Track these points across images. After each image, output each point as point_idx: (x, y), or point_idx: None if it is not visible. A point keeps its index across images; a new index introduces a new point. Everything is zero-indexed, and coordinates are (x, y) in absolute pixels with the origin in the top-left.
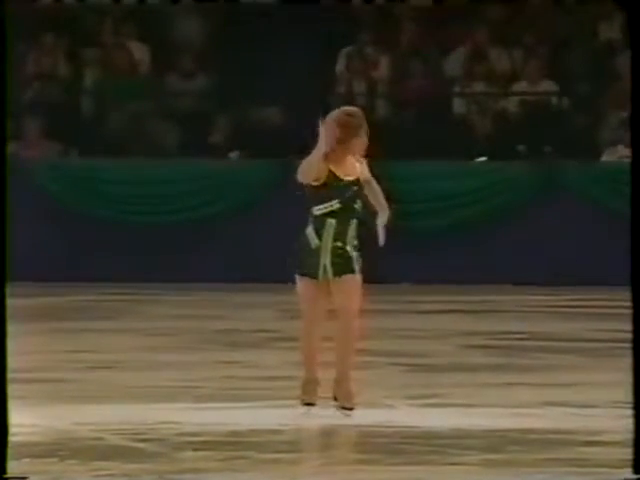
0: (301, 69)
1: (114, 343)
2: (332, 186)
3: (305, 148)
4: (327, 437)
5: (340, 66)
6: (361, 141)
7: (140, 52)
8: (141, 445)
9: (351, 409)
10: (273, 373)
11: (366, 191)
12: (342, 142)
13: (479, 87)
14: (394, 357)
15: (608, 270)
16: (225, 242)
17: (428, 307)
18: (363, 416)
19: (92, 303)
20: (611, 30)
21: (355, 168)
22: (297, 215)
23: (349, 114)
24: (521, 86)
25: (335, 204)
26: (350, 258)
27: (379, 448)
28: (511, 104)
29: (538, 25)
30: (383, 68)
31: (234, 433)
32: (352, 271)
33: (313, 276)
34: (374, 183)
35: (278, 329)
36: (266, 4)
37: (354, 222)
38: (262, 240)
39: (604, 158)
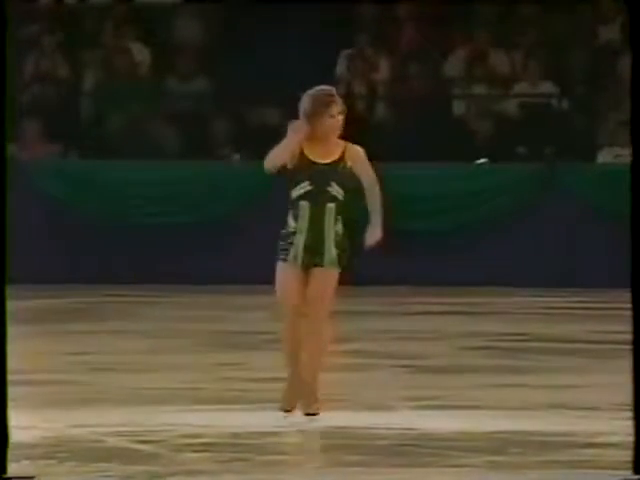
0: (301, 71)
1: (114, 345)
2: (303, 168)
3: None
4: (327, 439)
5: (340, 68)
6: (334, 120)
7: (140, 54)
8: (140, 447)
9: (315, 414)
10: (272, 375)
11: (366, 195)
12: (312, 116)
13: (479, 89)
14: (394, 359)
15: (608, 272)
16: (224, 244)
17: (428, 309)
18: (363, 418)
19: (91, 305)
20: (611, 32)
21: (334, 151)
22: None
23: (321, 89)
24: (521, 88)
25: (306, 186)
26: (323, 250)
27: (379, 450)
28: (511, 106)
29: (538, 27)
30: (383, 70)
31: (233, 435)
32: (322, 264)
33: (284, 259)
34: (376, 188)
35: (277, 331)
36: (265, 6)
37: (331, 208)
38: (261, 242)
39: (599, 159)
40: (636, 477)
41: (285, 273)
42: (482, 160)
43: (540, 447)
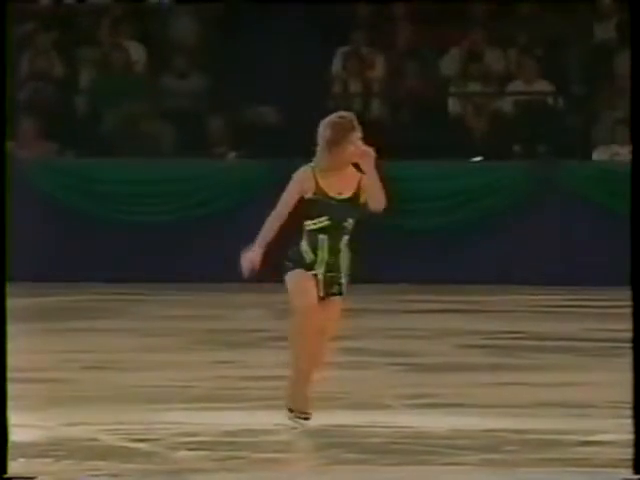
0: (297, 69)
1: (109, 343)
2: (321, 202)
3: (301, 148)
4: (322, 437)
5: (336, 66)
6: (353, 147)
7: (136, 52)
8: (136, 445)
9: (308, 418)
10: (269, 373)
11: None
12: (333, 144)
13: (474, 87)
14: (390, 357)
15: (605, 270)
16: (220, 242)
17: (424, 307)
18: (360, 416)
19: (87, 303)
20: (607, 30)
21: (350, 184)
22: (292, 216)
23: (341, 115)
24: (516, 86)
25: (324, 221)
26: (340, 279)
27: (375, 448)
28: (506, 104)
29: (533, 25)
30: (379, 68)
31: (229, 433)
32: (340, 292)
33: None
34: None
35: (274, 328)
36: (262, 4)
37: (345, 239)
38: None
39: (595, 157)
40: (636, 477)
41: (307, 284)
42: (477, 158)
43: (536, 445)
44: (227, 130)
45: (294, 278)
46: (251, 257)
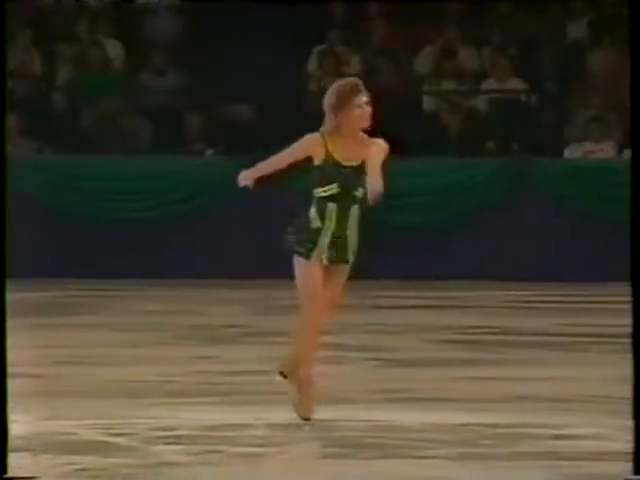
0: (273, 67)
1: (89, 338)
2: (330, 169)
3: (277, 145)
4: (300, 431)
5: (312, 64)
6: (361, 111)
7: (114, 49)
8: (115, 440)
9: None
10: (246, 368)
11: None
12: (338, 108)
13: (448, 85)
14: (366, 352)
15: (577, 265)
16: (199, 239)
17: (400, 302)
18: (335, 411)
19: (68, 299)
20: (579, 29)
21: (359, 151)
22: (270, 212)
23: (345, 80)
24: (490, 84)
25: (334, 188)
26: (347, 247)
27: (351, 442)
28: (480, 102)
29: (507, 24)
30: (354, 66)
31: (207, 427)
32: (346, 261)
33: (307, 256)
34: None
35: (252, 324)
36: (239, 2)
37: (356, 209)
38: (235, 236)
39: (567, 154)
40: (636, 477)
41: (311, 272)
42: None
43: (510, 439)
44: (204, 127)
45: (304, 273)
46: (246, 174)
